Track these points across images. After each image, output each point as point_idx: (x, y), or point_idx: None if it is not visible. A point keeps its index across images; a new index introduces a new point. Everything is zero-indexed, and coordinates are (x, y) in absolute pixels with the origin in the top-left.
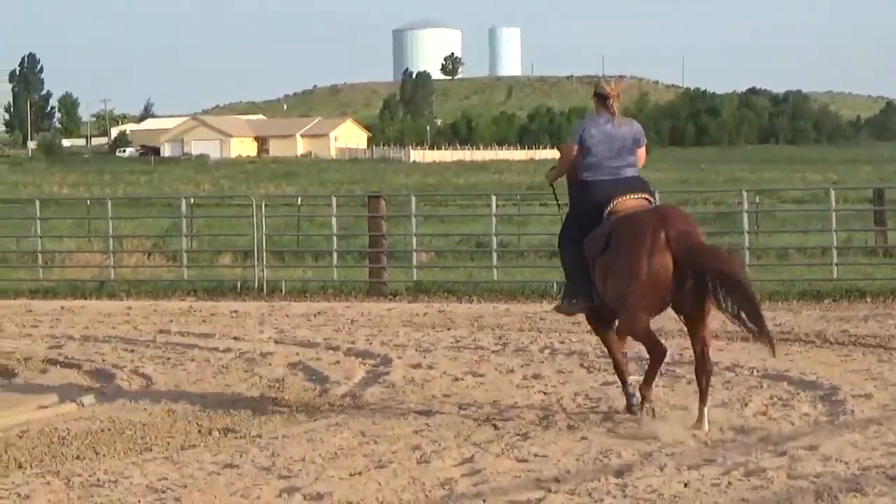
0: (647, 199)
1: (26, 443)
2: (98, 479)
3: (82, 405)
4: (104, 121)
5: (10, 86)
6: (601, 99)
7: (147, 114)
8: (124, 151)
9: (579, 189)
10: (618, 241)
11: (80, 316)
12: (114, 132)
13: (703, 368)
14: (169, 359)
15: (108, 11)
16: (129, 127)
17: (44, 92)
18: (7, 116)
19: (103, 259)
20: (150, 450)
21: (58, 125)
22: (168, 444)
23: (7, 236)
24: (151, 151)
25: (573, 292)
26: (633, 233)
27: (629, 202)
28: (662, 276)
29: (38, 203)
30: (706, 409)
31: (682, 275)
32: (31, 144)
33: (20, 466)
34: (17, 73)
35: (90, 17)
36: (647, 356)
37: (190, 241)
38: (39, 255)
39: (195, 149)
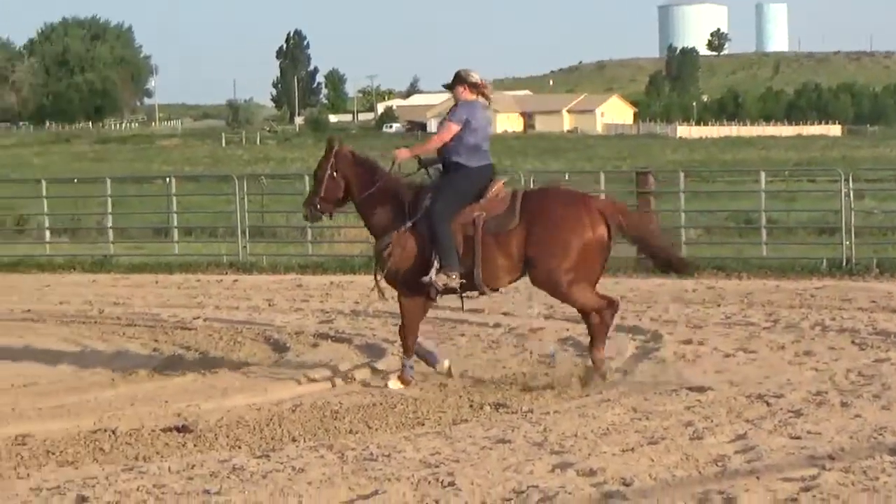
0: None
1: (299, 416)
2: (371, 453)
3: (353, 380)
4: (370, 97)
5: (278, 62)
6: (474, 87)
7: (413, 90)
8: (391, 127)
9: (463, 171)
10: (548, 219)
11: (350, 291)
12: (380, 108)
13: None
14: (439, 334)
15: None
16: (395, 103)
17: (311, 68)
18: (275, 92)
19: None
20: (423, 424)
21: (324, 101)
22: (440, 418)
23: (277, 211)
24: (418, 127)
25: (452, 265)
26: (569, 210)
27: (501, 185)
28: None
29: (306, 178)
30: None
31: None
32: (299, 120)
33: (294, 440)
34: (285, 50)
35: None
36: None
37: None
38: (309, 231)
39: None
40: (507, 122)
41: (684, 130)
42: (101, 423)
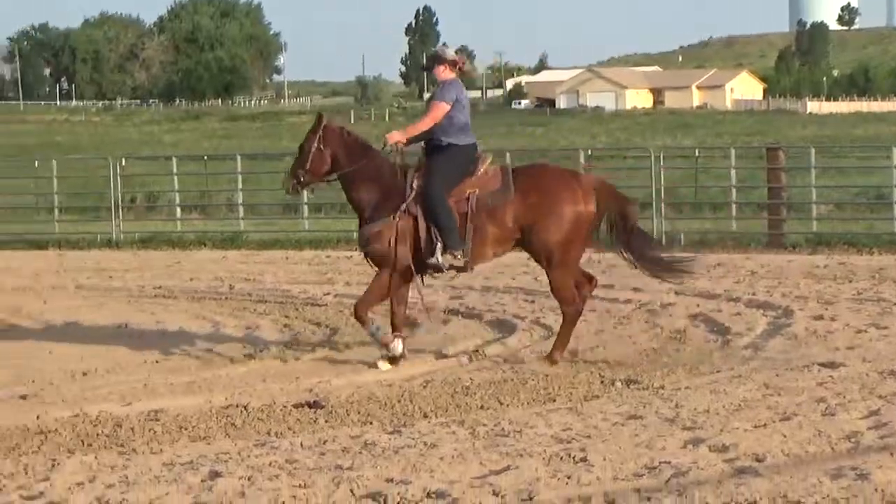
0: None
1: (430, 392)
2: (503, 429)
3: (484, 356)
4: (499, 73)
5: (407, 38)
6: (453, 64)
7: (542, 66)
8: (519, 104)
9: (454, 150)
10: (544, 191)
11: (480, 267)
12: (509, 84)
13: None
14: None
15: None
16: (524, 79)
17: (440, 44)
18: (404, 69)
19: None
20: (554, 400)
21: None
22: (571, 394)
23: None
24: (547, 104)
25: (456, 245)
26: (563, 183)
27: (488, 162)
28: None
29: None
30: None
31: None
32: (427, 96)
33: (425, 416)
34: (413, 27)
35: None
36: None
37: None
38: None
39: (590, 101)
40: (637, 99)
41: (814, 106)
42: (233, 399)
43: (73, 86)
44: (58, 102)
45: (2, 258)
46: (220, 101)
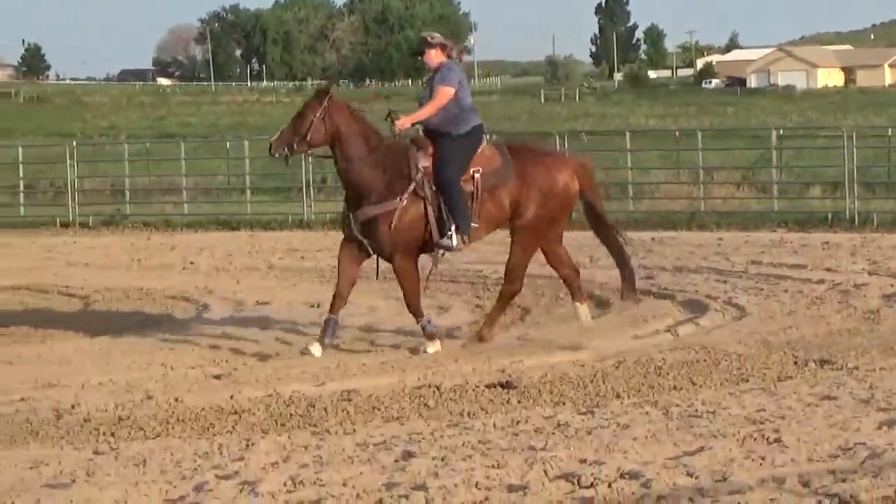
0: None
1: (623, 373)
2: (696, 410)
3: (677, 335)
4: (689, 52)
5: (597, 18)
6: (444, 48)
7: (733, 45)
8: (710, 83)
9: (465, 132)
10: (540, 170)
11: (672, 247)
12: (699, 63)
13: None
14: (762, 290)
15: None
16: (714, 58)
17: (630, 24)
18: (594, 49)
19: (692, 191)
20: (747, 381)
21: (643, 57)
22: (764, 375)
23: (597, 167)
24: (737, 83)
25: (467, 227)
26: (556, 162)
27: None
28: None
29: (627, 135)
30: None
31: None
32: (618, 76)
33: (618, 396)
34: (603, 6)
35: None
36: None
37: (780, 172)
38: (630, 187)
39: (781, 80)
40: (828, 77)
41: None
42: (426, 379)
43: (264, 67)
44: (248, 83)
45: (195, 239)
46: (409, 81)
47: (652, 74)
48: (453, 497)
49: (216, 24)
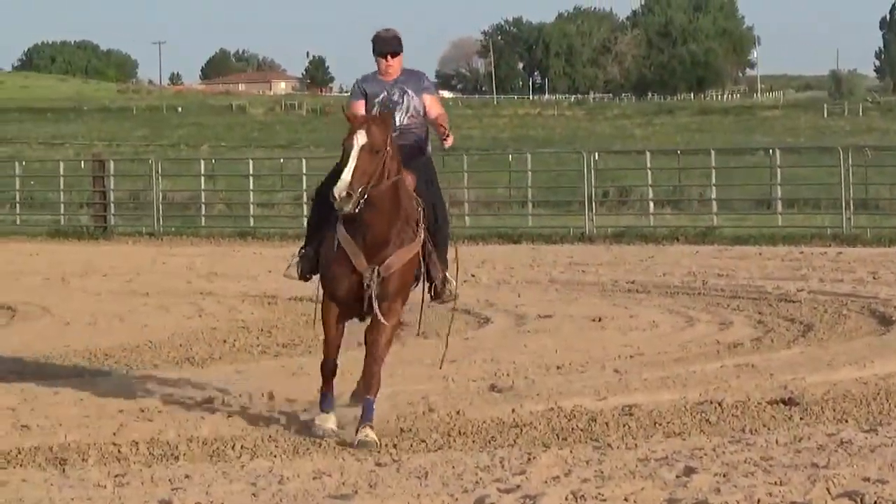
0: None
1: None
2: None
3: None
4: None
5: (881, 32)
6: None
7: None
8: None
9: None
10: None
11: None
12: None
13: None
14: None
15: None
16: None
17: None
18: (878, 63)
19: None
20: None
21: None
22: None
23: (881, 183)
24: None
25: (446, 266)
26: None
27: None
28: None
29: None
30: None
31: None
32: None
33: None
34: (888, 20)
35: None
36: None
37: None
38: None
39: None
40: None
41: None
42: (708, 395)
43: (546, 80)
44: (531, 96)
45: (476, 252)
46: (692, 95)
47: None
48: None
49: (499, 37)
